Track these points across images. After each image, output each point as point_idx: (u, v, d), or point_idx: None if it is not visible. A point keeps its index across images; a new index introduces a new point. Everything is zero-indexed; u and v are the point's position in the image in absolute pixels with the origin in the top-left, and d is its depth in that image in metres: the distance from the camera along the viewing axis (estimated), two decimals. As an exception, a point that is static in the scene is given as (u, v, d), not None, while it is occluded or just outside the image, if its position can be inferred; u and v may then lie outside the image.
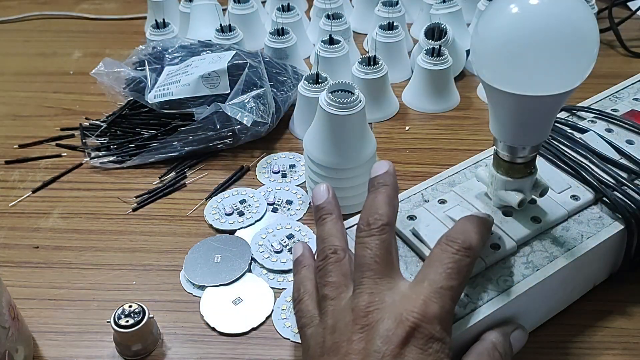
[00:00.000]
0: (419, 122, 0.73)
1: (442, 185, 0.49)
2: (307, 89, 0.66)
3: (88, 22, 1.01)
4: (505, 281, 0.41)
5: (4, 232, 0.60)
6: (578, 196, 0.46)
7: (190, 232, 0.59)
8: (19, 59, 0.91)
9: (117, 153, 0.68)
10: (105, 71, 0.72)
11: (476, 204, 0.45)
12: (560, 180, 0.47)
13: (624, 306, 0.49)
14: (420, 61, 0.72)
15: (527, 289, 0.40)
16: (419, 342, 0.32)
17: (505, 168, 0.42)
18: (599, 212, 0.46)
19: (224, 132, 0.67)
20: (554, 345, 0.47)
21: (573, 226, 0.45)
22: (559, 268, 0.42)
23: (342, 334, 0.34)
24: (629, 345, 0.46)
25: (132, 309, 0.46)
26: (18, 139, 0.72)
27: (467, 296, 0.40)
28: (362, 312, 0.34)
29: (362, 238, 0.37)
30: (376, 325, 0.33)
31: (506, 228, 0.43)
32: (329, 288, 0.37)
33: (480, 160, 0.52)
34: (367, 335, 0.33)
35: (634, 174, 0.47)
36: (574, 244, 0.43)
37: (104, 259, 0.56)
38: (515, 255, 0.42)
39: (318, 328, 0.36)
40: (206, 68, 0.68)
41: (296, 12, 0.84)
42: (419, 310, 0.33)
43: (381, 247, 0.36)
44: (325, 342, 0.34)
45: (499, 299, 0.40)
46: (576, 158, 0.48)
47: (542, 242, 0.43)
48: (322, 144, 0.56)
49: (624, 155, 0.49)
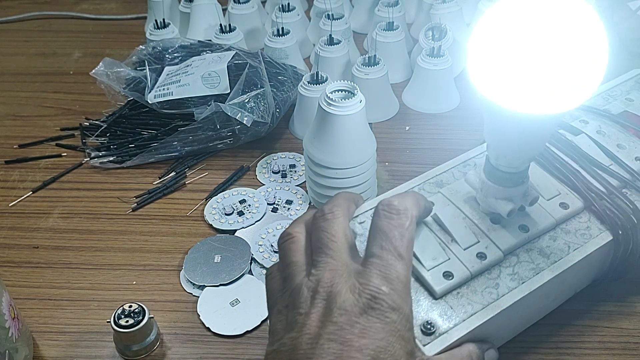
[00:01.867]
0: (419, 122, 0.73)
1: (430, 185, 0.47)
2: (307, 89, 0.66)
3: (88, 22, 1.01)
4: (490, 293, 0.40)
5: (4, 232, 0.60)
6: (567, 204, 0.45)
7: (190, 232, 0.59)
8: (19, 59, 0.91)
9: (117, 153, 0.68)
10: (105, 71, 0.72)
11: (464, 209, 0.44)
12: (550, 185, 0.46)
13: (624, 306, 0.49)
14: (420, 61, 0.72)
15: (512, 304, 0.40)
16: (377, 312, 0.33)
17: (497, 177, 0.41)
18: (587, 221, 0.45)
19: (224, 132, 0.67)
20: (554, 345, 0.47)
21: (560, 235, 0.43)
22: (544, 282, 0.41)
23: (301, 308, 0.34)
24: (629, 345, 0.47)
25: (132, 309, 0.46)
26: (18, 139, 0.72)
27: (452, 308, 0.39)
28: (321, 287, 0.34)
29: (318, 223, 0.38)
30: (334, 298, 0.33)
31: (493, 237, 0.42)
32: (292, 267, 0.37)
33: (469, 159, 0.50)
34: (324, 309, 0.33)
35: (623, 182, 0.46)
36: (560, 255, 0.42)
37: (104, 259, 0.56)
38: (501, 265, 0.41)
39: (280, 306, 0.36)
40: (206, 68, 0.68)
41: (296, 12, 0.84)
42: (374, 284, 0.33)
43: (336, 229, 0.37)
44: (287, 318, 0.35)
45: (483, 313, 0.39)
46: (567, 163, 0.47)
47: (528, 252, 0.42)
48: (322, 144, 0.55)
49: (615, 161, 0.48)
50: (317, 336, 0.32)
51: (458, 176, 0.48)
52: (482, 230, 0.42)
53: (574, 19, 0.33)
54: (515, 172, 0.40)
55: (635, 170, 0.47)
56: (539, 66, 0.33)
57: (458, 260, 0.40)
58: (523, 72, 0.33)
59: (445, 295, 0.39)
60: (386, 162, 0.66)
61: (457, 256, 0.41)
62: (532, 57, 0.33)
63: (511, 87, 0.34)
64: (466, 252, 0.41)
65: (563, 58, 0.33)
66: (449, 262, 0.40)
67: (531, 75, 0.33)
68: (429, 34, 0.77)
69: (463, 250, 0.41)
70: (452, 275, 0.40)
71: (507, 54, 0.34)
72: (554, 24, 0.33)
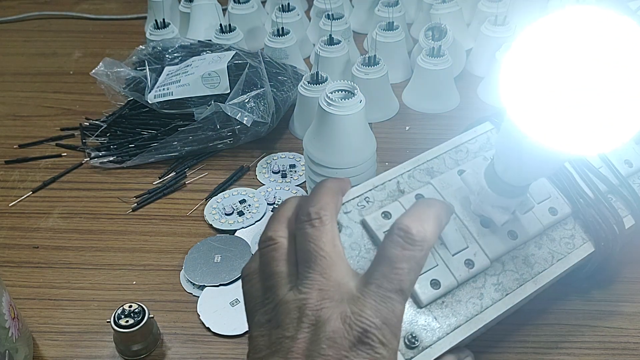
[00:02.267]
0: (419, 122, 0.73)
1: (420, 173, 0.44)
2: (307, 89, 0.65)
3: (88, 22, 1.01)
4: (474, 305, 0.39)
5: (4, 232, 0.60)
6: (556, 209, 0.44)
7: (190, 232, 0.59)
8: (19, 59, 0.91)
9: (117, 153, 0.68)
10: (105, 71, 0.72)
11: (455, 207, 0.42)
12: (542, 187, 0.45)
13: (624, 306, 0.49)
14: (420, 61, 0.72)
15: (496, 317, 0.39)
16: (367, 347, 0.31)
17: (498, 187, 0.40)
18: (572, 229, 0.44)
19: (224, 132, 0.67)
20: (554, 345, 0.47)
21: (545, 243, 0.43)
22: (527, 295, 0.41)
23: (287, 330, 0.32)
24: (629, 345, 0.47)
25: (132, 309, 0.46)
26: (18, 139, 0.72)
27: (436, 320, 0.38)
28: (309, 309, 0.32)
29: (304, 229, 0.35)
30: (323, 326, 0.31)
31: (483, 243, 0.41)
32: (276, 278, 0.34)
33: (461, 144, 0.47)
34: (312, 335, 0.31)
35: (610, 187, 0.46)
36: (544, 266, 0.42)
37: (103, 259, 0.56)
38: (486, 273, 0.41)
39: (262, 318, 0.34)
40: (206, 68, 0.68)
41: (296, 12, 0.84)
42: (367, 315, 0.31)
43: (324, 240, 0.34)
44: (270, 335, 0.33)
45: (467, 326, 0.38)
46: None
47: (514, 260, 0.42)
48: (322, 144, 0.55)
49: (605, 163, 0.47)
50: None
51: (450, 164, 0.45)
52: (472, 234, 0.41)
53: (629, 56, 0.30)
54: (519, 186, 0.40)
55: (622, 175, 0.47)
56: (581, 105, 0.30)
57: (446, 267, 0.40)
58: (562, 107, 0.30)
59: (430, 304, 0.39)
60: (386, 162, 0.65)
61: (445, 262, 0.40)
62: (575, 92, 0.30)
63: (545, 120, 0.31)
64: (454, 258, 0.40)
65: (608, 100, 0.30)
66: (437, 269, 0.39)
67: (569, 113, 0.30)
68: (429, 33, 0.77)
69: (451, 255, 0.40)
70: (439, 284, 0.39)
71: (549, 82, 0.30)
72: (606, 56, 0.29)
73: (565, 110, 0.30)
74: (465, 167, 0.44)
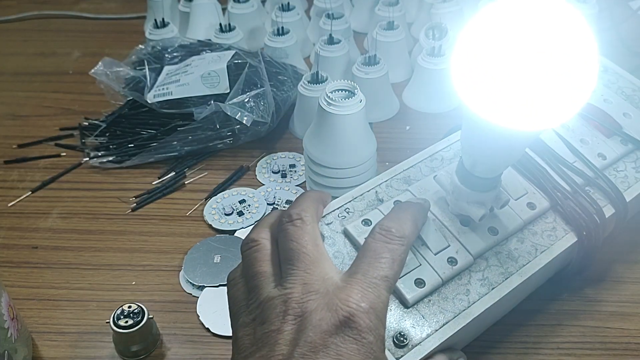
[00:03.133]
0: (419, 122, 0.73)
1: (397, 182, 0.46)
2: (307, 88, 0.65)
3: (87, 22, 1.01)
4: (461, 301, 0.39)
5: (3, 232, 0.59)
6: (534, 204, 0.45)
7: (189, 232, 0.58)
8: (18, 59, 0.91)
9: (117, 153, 0.68)
10: (104, 71, 0.72)
11: (434, 210, 0.43)
12: (518, 184, 0.45)
13: (624, 306, 0.49)
14: (420, 61, 0.72)
15: (483, 311, 0.39)
16: (353, 332, 0.31)
17: (470, 182, 0.40)
18: (553, 222, 0.45)
19: (224, 132, 0.67)
20: (555, 345, 0.47)
21: (528, 237, 0.43)
22: (514, 287, 0.41)
23: (272, 324, 0.32)
24: (629, 345, 0.46)
25: (132, 310, 0.46)
26: (17, 138, 0.72)
27: (424, 318, 0.38)
28: (295, 302, 0.32)
29: (286, 229, 0.36)
30: (309, 316, 0.32)
31: (464, 240, 0.42)
32: (259, 278, 0.35)
33: (436, 152, 0.49)
34: (299, 325, 0.31)
35: (586, 180, 0.46)
36: (528, 258, 0.42)
37: (103, 259, 0.56)
38: (471, 270, 0.41)
39: (246, 318, 0.34)
40: (206, 68, 0.68)
41: (296, 11, 0.84)
42: (354, 300, 0.32)
43: (306, 238, 0.35)
44: (255, 333, 0.33)
45: (455, 322, 0.39)
46: (534, 160, 0.47)
47: (497, 255, 0.42)
48: (322, 144, 0.55)
49: (579, 157, 0.48)
50: (289, 357, 0.30)
51: (425, 172, 0.47)
52: (452, 233, 0.42)
53: (566, 32, 0.31)
54: (489, 178, 0.40)
55: (597, 168, 0.47)
56: (527, 80, 0.31)
57: (429, 266, 0.40)
58: (509, 84, 0.32)
59: (416, 304, 0.39)
60: (386, 162, 0.65)
61: (428, 262, 0.40)
62: (520, 69, 0.31)
63: (495, 99, 0.32)
64: (437, 257, 0.40)
65: (552, 73, 0.31)
66: (420, 268, 0.40)
67: (517, 89, 0.32)
68: (430, 33, 0.76)
69: (434, 255, 0.40)
70: (423, 283, 0.39)
71: (494, 63, 0.32)
72: (545, 35, 0.31)
73: (514, 89, 0.32)
74: (441, 174, 0.45)
